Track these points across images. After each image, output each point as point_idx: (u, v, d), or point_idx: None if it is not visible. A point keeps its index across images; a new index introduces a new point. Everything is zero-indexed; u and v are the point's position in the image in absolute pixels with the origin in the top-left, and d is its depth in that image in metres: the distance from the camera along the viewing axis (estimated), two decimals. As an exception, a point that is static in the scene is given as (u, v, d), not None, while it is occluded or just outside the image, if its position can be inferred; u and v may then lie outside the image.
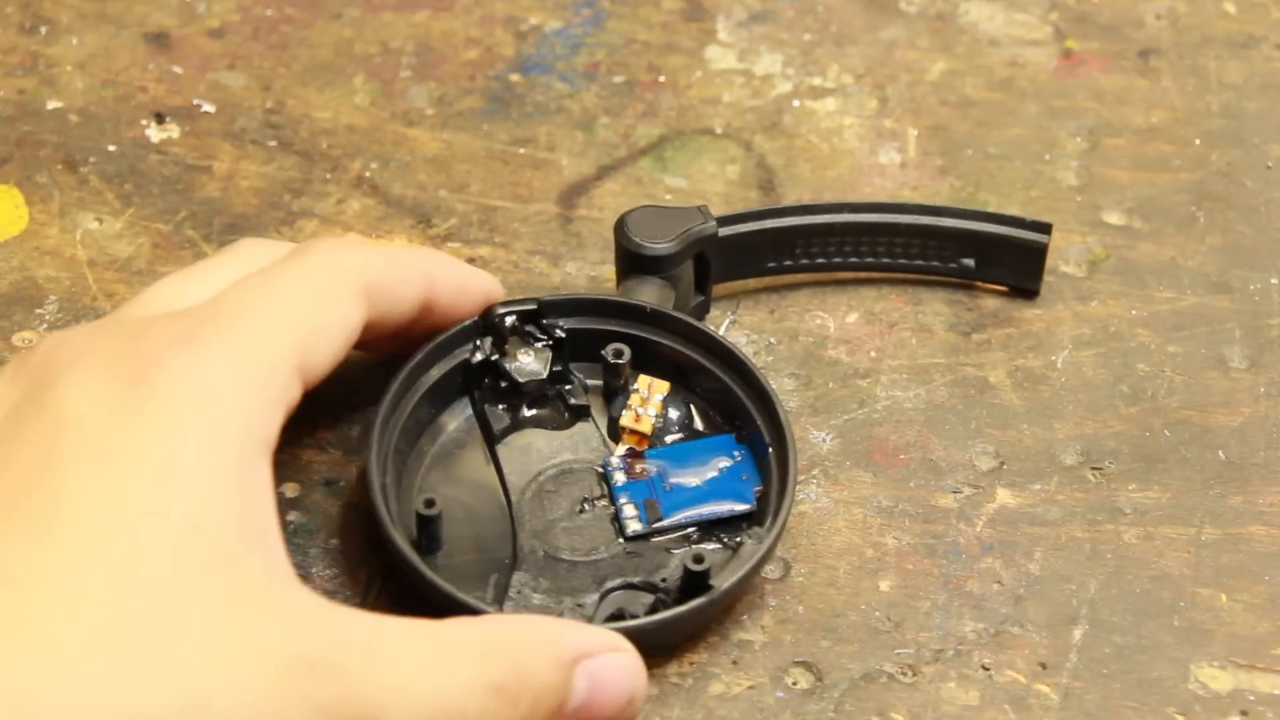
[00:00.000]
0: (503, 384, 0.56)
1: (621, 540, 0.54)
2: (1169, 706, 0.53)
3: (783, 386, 0.60)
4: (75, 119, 0.66)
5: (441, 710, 0.45)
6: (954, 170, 0.67)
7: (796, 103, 0.69)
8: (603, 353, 0.56)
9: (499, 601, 0.52)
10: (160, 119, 0.67)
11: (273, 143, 0.66)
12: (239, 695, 0.42)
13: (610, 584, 0.53)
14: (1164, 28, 0.73)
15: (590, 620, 0.52)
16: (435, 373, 0.55)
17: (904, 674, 0.53)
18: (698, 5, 0.72)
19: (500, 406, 0.56)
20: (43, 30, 0.69)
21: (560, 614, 0.52)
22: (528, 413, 0.57)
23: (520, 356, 0.56)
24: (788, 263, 0.62)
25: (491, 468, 0.56)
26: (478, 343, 0.56)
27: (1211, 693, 0.53)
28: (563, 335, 0.57)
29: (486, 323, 0.56)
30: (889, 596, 0.55)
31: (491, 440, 0.56)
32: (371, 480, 0.52)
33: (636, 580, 0.53)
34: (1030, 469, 0.59)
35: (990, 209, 0.64)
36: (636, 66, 0.70)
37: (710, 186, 0.66)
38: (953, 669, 0.53)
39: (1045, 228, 0.61)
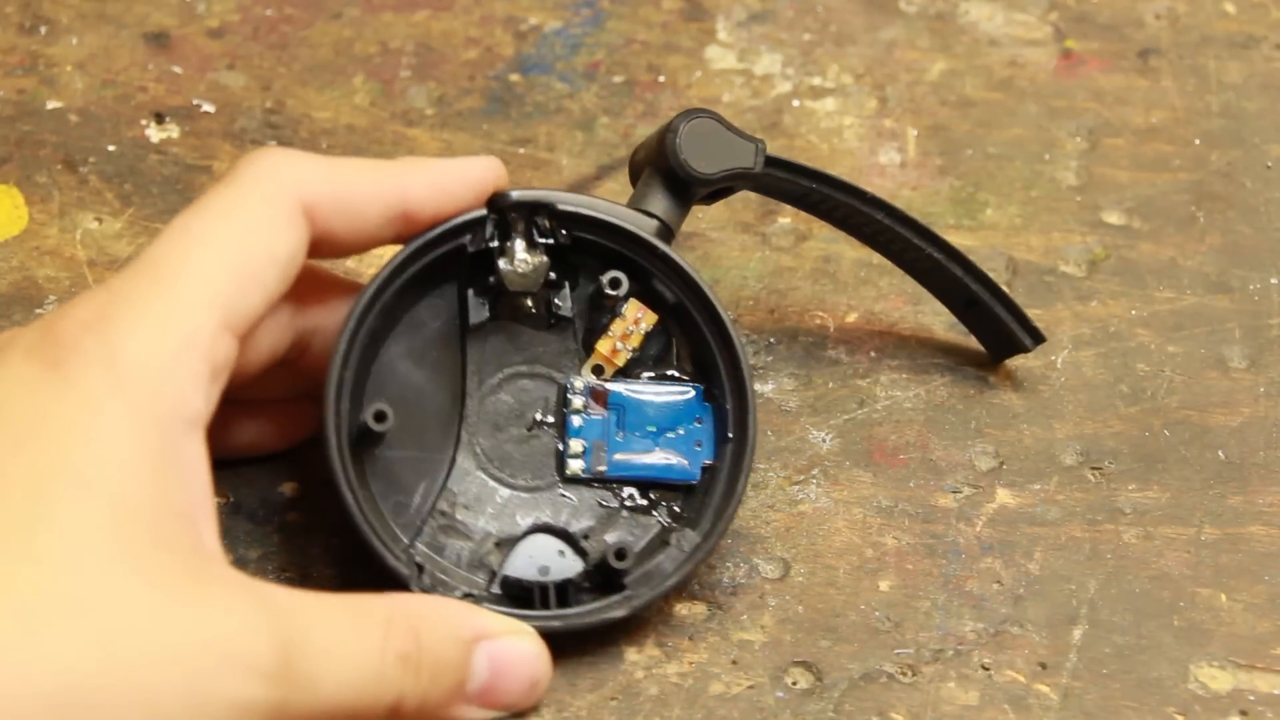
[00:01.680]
0: (491, 278, 0.54)
1: (559, 480, 0.54)
2: (1169, 706, 0.53)
3: (783, 386, 0.60)
4: (75, 119, 0.66)
5: (366, 676, 0.45)
6: (954, 170, 0.67)
7: (796, 103, 0.69)
8: (601, 277, 0.55)
9: (423, 520, 0.52)
10: (160, 119, 0.67)
11: (272, 142, 0.66)
12: (170, 663, 0.42)
13: (537, 520, 0.53)
14: (1164, 28, 0.73)
15: (503, 558, 0.52)
16: (427, 256, 0.53)
17: (904, 674, 0.53)
18: (698, 5, 0.72)
19: (483, 298, 0.55)
20: (43, 30, 0.69)
21: (479, 546, 0.52)
22: (509, 307, 0.55)
23: (518, 255, 0.54)
24: (807, 210, 0.60)
25: (458, 361, 0.54)
26: (480, 229, 0.54)
27: (1211, 692, 0.53)
28: (566, 242, 0.54)
29: (494, 208, 0.54)
30: (889, 596, 0.55)
31: (465, 330, 0.55)
32: (332, 375, 0.51)
33: (562, 526, 0.53)
34: (1030, 469, 0.59)
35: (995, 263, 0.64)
36: (636, 66, 0.70)
37: (710, 186, 0.66)
38: (952, 669, 0.53)
39: (1040, 337, 0.59)
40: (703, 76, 0.70)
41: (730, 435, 0.54)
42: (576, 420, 0.54)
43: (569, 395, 0.55)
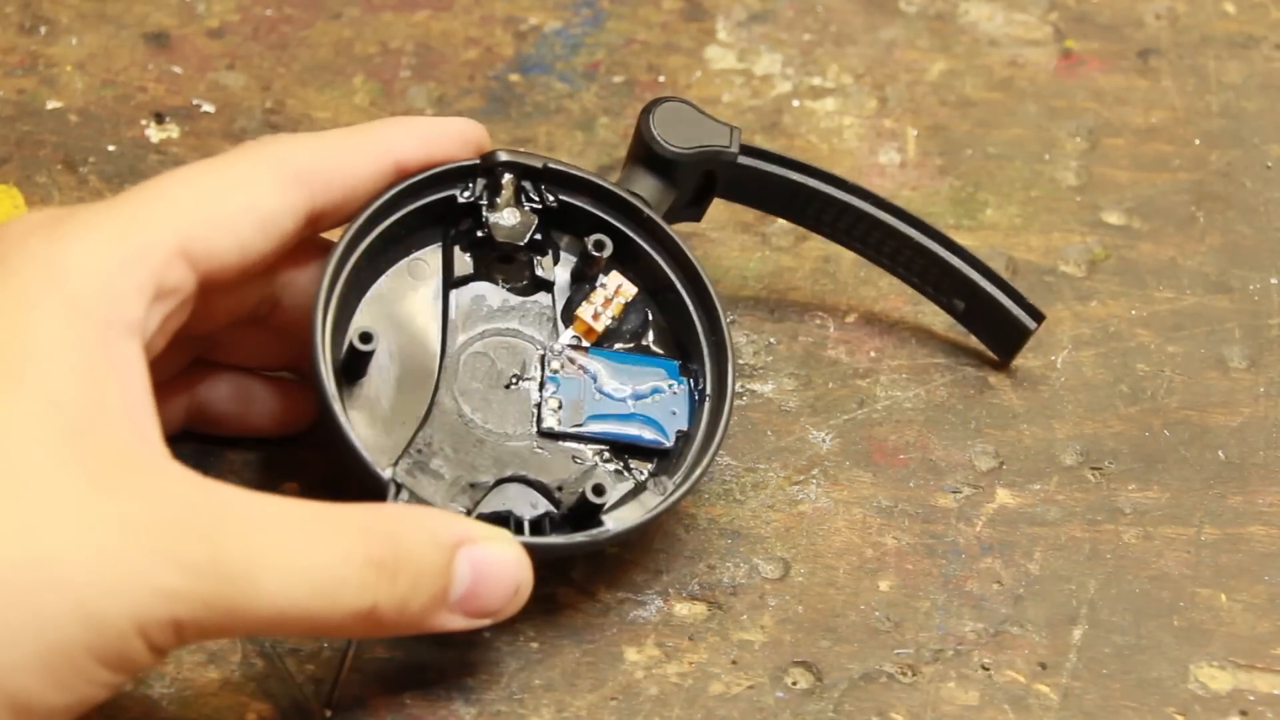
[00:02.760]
0: (479, 233, 0.55)
1: (535, 432, 0.54)
2: (1169, 706, 0.53)
3: (783, 386, 0.60)
4: (75, 119, 0.66)
5: (321, 577, 0.44)
6: (954, 170, 0.67)
7: (796, 103, 0.69)
8: (585, 239, 0.55)
9: (400, 453, 0.52)
10: (160, 119, 0.67)
11: (272, 143, 0.66)
12: (93, 550, 0.42)
13: (509, 472, 0.53)
14: (1164, 28, 0.73)
15: (475, 506, 0.52)
16: (415, 203, 0.54)
17: (904, 674, 0.53)
18: (697, 5, 0.72)
19: (468, 253, 0.55)
20: (43, 30, 0.69)
21: (452, 487, 0.52)
22: (493, 264, 0.55)
23: (505, 211, 0.55)
24: (796, 215, 0.60)
25: (440, 311, 0.55)
26: (470, 184, 0.55)
27: (1211, 692, 0.53)
28: (554, 205, 0.55)
29: (485, 166, 0.55)
30: (889, 596, 0.55)
31: (449, 282, 0.55)
32: (319, 299, 0.51)
33: (536, 478, 0.53)
34: (1030, 469, 0.59)
35: (994, 257, 0.64)
36: (636, 66, 0.70)
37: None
38: (952, 669, 0.53)
39: (1039, 316, 0.59)
40: (703, 76, 0.70)
41: (708, 393, 0.54)
42: (555, 379, 0.55)
43: (548, 356, 0.55)
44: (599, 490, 0.52)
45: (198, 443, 0.56)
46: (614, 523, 0.52)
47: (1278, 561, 0.56)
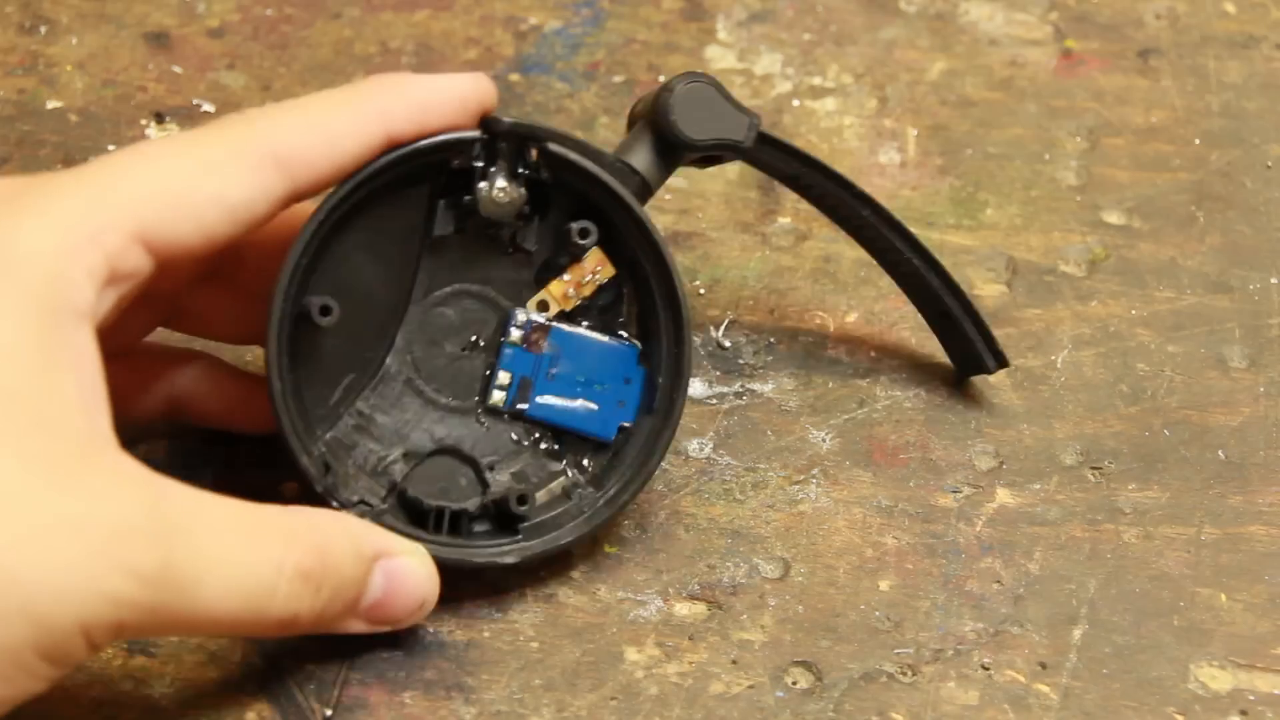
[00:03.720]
0: (466, 198, 0.53)
1: (479, 406, 0.54)
2: (1169, 706, 0.53)
3: (783, 386, 0.60)
4: (75, 119, 0.66)
5: (254, 587, 0.45)
6: (954, 170, 0.67)
7: (796, 102, 0.69)
8: (571, 224, 0.54)
9: (340, 417, 0.53)
10: (160, 119, 0.67)
11: (273, 143, 0.66)
12: (43, 551, 0.41)
13: (448, 440, 0.54)
14: (1164, 28, 0.73)
15: (407, 470, 0.53)
16: (402, 169, 0.52)
17: (904, 674, 0.53)
18: (698, 5, 0.72)
19: (451, 212, 0.54)
20: (43, 30, 0.69)
21: (388, 451, 0.53)
22: (475, 227, 0.54)
23: (499, 183, 0.53)
24: (804, 198, 0.60)
25: (412, 269, 0.54)
26: (465, 152, 0.52)
27: (1211, 692, 0.53)
28: (548, 179, 0.54)
29: (487, 130, 0.53)
30: (889, 596, 0.55)
31: (425, 242, 0.54)
32: (283, 279, 0.50)
33: (470, 454, 0.54)
34: (1030, 469, 0.59)
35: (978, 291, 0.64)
36: (636, 66, 0.70)
37: (710, 186, 0.66)
38: (952, 669, 0.53)
39: (1004, 362, 0.59)
40: (703, 76, 0.70)
41: (655, 408, 0.54)
42: (510, 352, 0.54)
43: (510, 325, 0.54)
44: (522, 500, 0.53)
45: (202, 438, 0.56)
46: (516, 551, 0.53)
47: (1278, 561, 0.56)
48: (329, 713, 0.51)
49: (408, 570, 0.50)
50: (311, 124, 0.49)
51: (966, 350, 0.59)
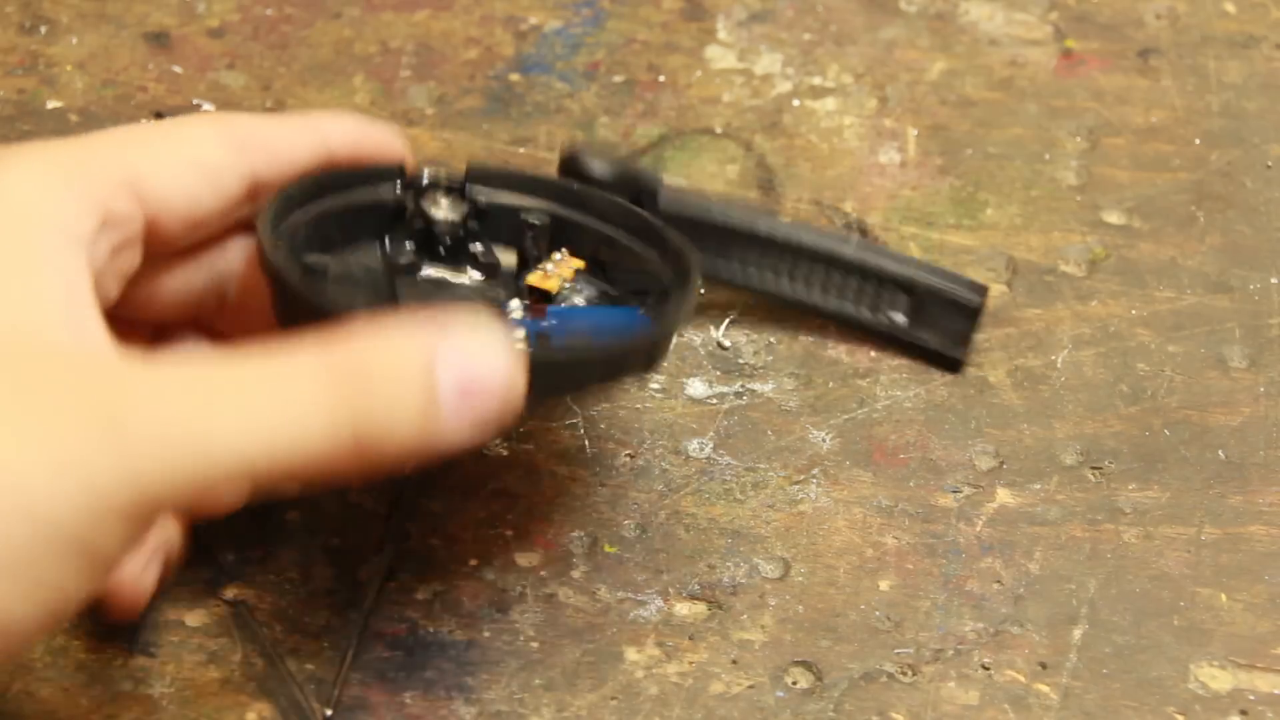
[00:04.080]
0: (416, 224, 0.54)
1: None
2: (1169, 706, 0.53)
3: (783, 386, 0.60)
4: (75, 119, 0.66)
5: (282, 416, 0.42)
6: (954, 170, 0.67)
7: (796, 102, 0.69)
8: (523, 217, 0.54)
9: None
10: (160, 119, 0.67)
11: (273, 142, 0.66)
12: (35, 448, 0.41)
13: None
14: (1164, 27, 0.73)
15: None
16: (346, 200, 0.53)
17: (904, 674, 0.53)
18: (698, 5, 0.72)
19: (409, 242, 0.54)
20: (43, 30, 0.69)
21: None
22: (436, 255, 0.54)
23: (441, 200, 0.54)
24: (723, 262, 0.60)
25: (390, 296, 0.53)
26: (397, 182, 0.54)
27: (1211, 692, 0.53)
28: (483, 206, 0.54)
29: (407, 182, 0.54)
30: (889, 596, 0.55)
31: (394, 270, 0.54)
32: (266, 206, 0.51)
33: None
34: (1030, 469, 0.59)
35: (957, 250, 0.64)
36: (636, 66, 0.70)
37: (710, 186, 0.66)
38: (953, 669, 0.53)
39: (982, 290, 0.60)
40: (703, 76, 0.70)
41: (669, 286, 0.53)
42: (518, 319, 0.53)
43: (507, 311, 0.54)
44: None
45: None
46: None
47: (1278, 561, 0.56)
48: (329, 713, 0.51)
49: (479, 366, 0.43)
50: (266, 121, 0.52)
51: (947, 305, 0.60)
